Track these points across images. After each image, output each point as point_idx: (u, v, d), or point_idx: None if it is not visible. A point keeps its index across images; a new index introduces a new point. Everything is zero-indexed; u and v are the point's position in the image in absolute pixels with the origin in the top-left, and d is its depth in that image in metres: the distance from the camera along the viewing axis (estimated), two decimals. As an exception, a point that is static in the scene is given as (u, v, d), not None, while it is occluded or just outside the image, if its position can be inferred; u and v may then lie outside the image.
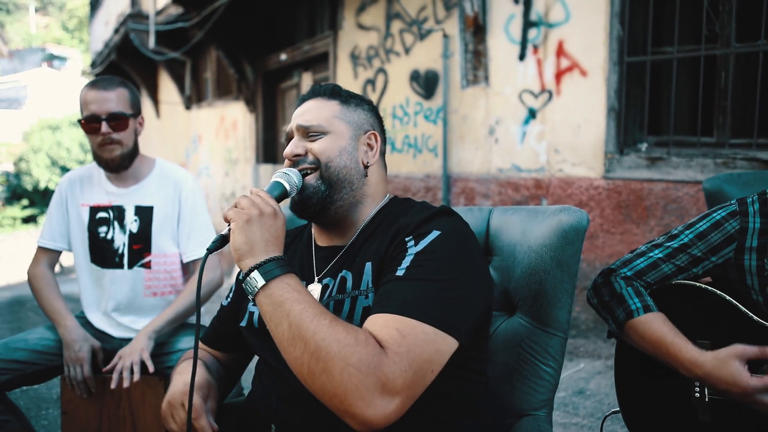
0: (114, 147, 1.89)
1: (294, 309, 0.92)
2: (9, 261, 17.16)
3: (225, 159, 8.18)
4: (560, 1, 3.69)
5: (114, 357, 1.85)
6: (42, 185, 20.73)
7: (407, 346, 0.89)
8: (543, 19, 3.80)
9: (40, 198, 21.26)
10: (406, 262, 0.99)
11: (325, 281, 1.15)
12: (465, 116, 4.31)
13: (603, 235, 3.59)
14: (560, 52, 3.73)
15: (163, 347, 1.90)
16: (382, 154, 1.26)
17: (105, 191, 2.00)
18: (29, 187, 20.95)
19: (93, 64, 12.40)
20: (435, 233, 1.03)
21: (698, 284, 1.35)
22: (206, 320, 1.34)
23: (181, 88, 9.15)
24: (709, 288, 1.33)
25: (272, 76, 6.97)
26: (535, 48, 3.85)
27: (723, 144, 3.22)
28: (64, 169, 20.81)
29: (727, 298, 1.29)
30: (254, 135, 7.19)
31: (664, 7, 3.44)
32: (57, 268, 2.11)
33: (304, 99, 1.24)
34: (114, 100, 1.88)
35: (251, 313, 1.19)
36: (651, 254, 1.38)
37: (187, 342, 1.91)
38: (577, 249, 1.28)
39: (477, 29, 4.10)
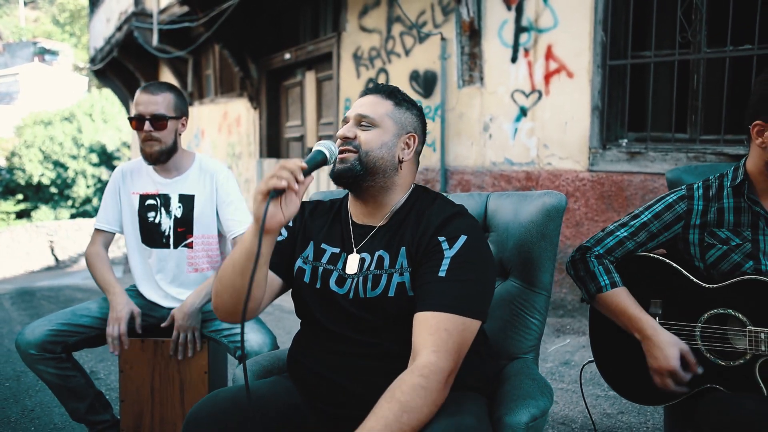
0: (153, 143, 2.18)
1: None
2: (6, 255, 17.35)
3: (228, 153, 8.45)
4: (549, 9, 4.00)
5: (167, 318, 2.16)
6: (35, 180, 20.77)
7: (453, 341, 1.21)
8: (533, 25, 4.11)
9: (34, 193, 21.30)
10: (445, 264, 1.27)
11: (362, 255, 1.41)
12: (461, 114, 4.62)
13: (587, 222, 3.93)
14: (549, 55, 4.04)
15: (206, 314, 2.20)
16: (417, 153, 1.47)
17: (152, 181, 2.30)
18: (22, 182, 20.99)
19: (92, 60, 12.61)
20: (463, 238, 1.31)
21: (653, 255, 1.68)
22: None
23: (183, 85, 9.40)
24: (661, 258, 1.66)
25: (276, 75, 7.23)
26: (526, 51, 4.16)
27: (695, 140, 3.56)
28: (57, 164, 20.88)
29: (674, 265, 1.62)
30: (258, 131, 7.46)
31: (643, 16, 3.75)
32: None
33: (365, 93, 1.47)
34: (159, 103, 2.16)
35: (314, 268, 1.43)
36: (618, 233, 1.70)
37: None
38: (558, 224, 1.61)
39: (473, 33, 4.41)
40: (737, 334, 1.49)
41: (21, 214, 21.06)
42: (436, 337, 1.20)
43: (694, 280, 1.58)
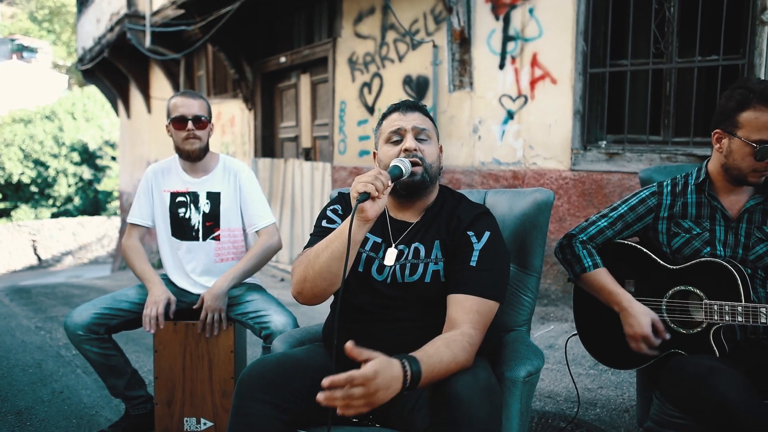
0: (195, 141, 2.45)
1: (439, 372, 1.36)
2: (-14, 254, 17.25)
3: (221, 153, 8.65)
4: (534, 20, 4.30)
5: (198, 301, 2.40)
6: (15, 179, 20.59)
7: (482, 321, 1.52)
8: (520, 35, 4.40)
9: (13, 192, 21.11)
10: (475, 255, 1.57)
11: (399, 247, 1.66)
12: (452, 116, 4.90)
13: (570, 218, 4.23)
14: (534, 62, 4.33)
15: (233, 299, 2.46)
16: None
17: (182, 180, 2.55)
18: (1, 181, 20.78)
19: (81, 60, 12.69)
20: (488, 233, 1.60)
21: (628, 242, 1.97)
22: (265, 282, 1.90)
23: (176, 85, 9.55)
24: (634, 244, 1.95)
25: (271, 77, 7.44)
26: (513, 59, 4.45)
27: (667, 142, 3.88)
28: (38, 163, 20.73)
29: (645, 250, 1.91)
30: (253, 131, 7.68)
31: (621, 28, 4.04)
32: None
33: (408, 109, 1.70)
34: (197, 106, 2.44)
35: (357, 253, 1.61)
36: (598, 223, 1.99)
37: (251, 296, 2.47)
38: (547, 217, 1.89)
39: (463, 41, 4.69)
40: (696, 307, 1.79)
41: (0, 214, 20.87)
42: (471, 316, 1.51)
43: (661, 262, 1.88)
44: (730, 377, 1.54)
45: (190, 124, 2.42)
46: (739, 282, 1.72)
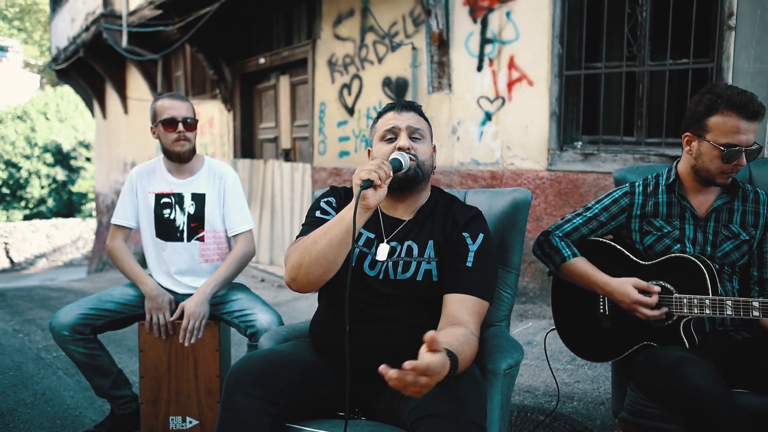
0: (184, 143, 2.47)
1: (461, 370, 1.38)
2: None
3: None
4: (512, 23, 4.39)
5: (178, 308, 2.41)
6: (-15, 181, 20.16)
7: (480, 321, 1.57)
8: (497, 37, 4.49)
9: (-16, 194, 20.66)
10: (471, 256, 1.62)
11: (392, 244, 1.68)
12: (431, 118, 4.91)
13: (546, 217, 4.33)
14: (511, 65, 4.42)
15: (218, 298, 2.48)
16: None
17: (167, 182, 2.56)
18: (-29, 183, 20.35)
19: (55, 59, 12.50)
20: (482, 235, 1.66)
21: (603, 240, 2.05)
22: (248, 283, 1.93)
23: (153, 86, 9.48)
24: (608, 241, 2.03)
25: (250, 78, 7.44)
26: (491, 61, 4.54)
27: (640, 143, 4.00)
28: (9, 164, 20.30)
29: (618, 247, 2.00)
30: (232, 132, 7.67)
31: (596, 31, 4.16)
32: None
33: (403, 108, 1.74)
34: (185, 108, 2.46)
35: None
36: (574, 221, 2.07)
37: (236, 295, 2.50)
38: (525, 215, 1.95)
39: (441, 44, 4.76)
40: (667, 301, 1.87)
41: (-30, 216, 20.43)
42: (474, 318, 1.56)
43: (634, 258, 1.96)
44: (699, 367, 1.63)
45: (180, 126, 2.44)
46: (707, 276, 1.81)
